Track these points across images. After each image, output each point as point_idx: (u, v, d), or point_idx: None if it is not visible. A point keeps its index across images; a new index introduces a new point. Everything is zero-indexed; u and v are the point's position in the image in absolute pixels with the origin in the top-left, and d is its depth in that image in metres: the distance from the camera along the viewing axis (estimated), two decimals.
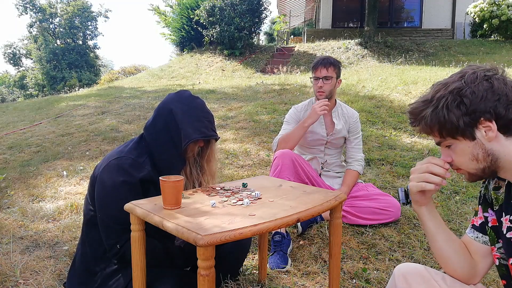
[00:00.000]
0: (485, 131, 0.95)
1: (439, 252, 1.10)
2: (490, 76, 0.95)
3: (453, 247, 1.09)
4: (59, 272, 1.92)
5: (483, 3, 12.21)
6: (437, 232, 1.09)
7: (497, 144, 0.95)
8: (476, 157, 0.97)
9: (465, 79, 0.96)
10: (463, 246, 1.11)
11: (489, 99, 0.93)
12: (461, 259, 1.09)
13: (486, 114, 0.93)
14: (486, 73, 0.96)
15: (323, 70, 2.44)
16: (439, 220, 1.11)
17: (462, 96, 0.94)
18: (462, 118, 0.94)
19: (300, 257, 2.08)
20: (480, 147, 0.96)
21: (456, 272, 1.09)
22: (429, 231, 1.10)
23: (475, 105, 0.93)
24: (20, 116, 7.39)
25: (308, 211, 1.30)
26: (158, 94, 7.93)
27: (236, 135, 4.58)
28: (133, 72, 17.49)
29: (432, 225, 1.09)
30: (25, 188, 3.24)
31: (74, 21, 26.45)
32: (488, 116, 0.93)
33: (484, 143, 0.95)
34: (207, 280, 1.10)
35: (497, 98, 0.93)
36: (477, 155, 0.96)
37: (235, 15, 12.67)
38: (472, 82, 0.95)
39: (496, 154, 0.95)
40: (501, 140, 0.95)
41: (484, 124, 0.94)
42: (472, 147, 0.96)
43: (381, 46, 12.00)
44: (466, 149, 0.97)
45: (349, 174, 2.52)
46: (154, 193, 1.46)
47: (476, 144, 0.96)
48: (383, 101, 5.67)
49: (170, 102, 1.55)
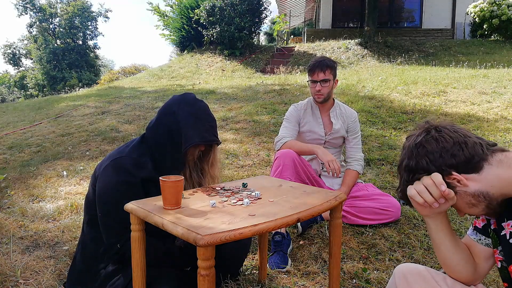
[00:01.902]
0: (457, 182, 0.97)
1: (443, 260, 1.10)
2: (421, 142, 1.01)
3: (459, 256, 1.08)
4: (59, 272, 1.92)
5: (483, 3, 12.22)
6: (442, 243, 1.09)
7: (475, 183, 0.97)
8: (471, 203, 0.98)
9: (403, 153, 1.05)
10: (469, 253, 1.10)
11: (435, 160, 0.99)
12: (467, 262, 1.08)
13: (443, 172, 0.98)
14: (416, 140, 1.02)
15: (320, 74, 2.44)
16: (446, 232, 1.08)
17: (413, 170, 1.01)
18: None
19: (300, 257, 2.08)
20: (466, 195, 0.98)
21: (459, 275, 1.09)
22: (433, 240, 1.10)
23: (430, 169, 0.99)
24: (20, 116, 7.39)
25: (308, 211, 1.29)
26: (158, 94, 7.93)
27: (236, 135, 4.58)
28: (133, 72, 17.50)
29: (437, 237, 1.09)
30: (25, 188, 3.24)
31: (74, 21, 26.46)
32: (446, 173, 0.97)
33: (466, 190, 0.97)
34: (207, 280, 1.10)
35: (438, 156, 0.98)
36: (470, 201, 0.98)
37: (235, 15, 12.67)
38: (412, 155, 1.02)
39: (483, 190, 0.96)
40: (477, 178, 0.96)
41: (450, 179, 0.97)
42: (461, 199, 0.99)
43: (381, 46, 12.01)
44: (458, 202, 1.00)
45: (349, 174, 2.52)
46: (155, 193, 1.46)
47: (461, 195, 0.98)
48: (383, 101, 5.67)
49: (173, 104, 1.55)
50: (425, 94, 5.85)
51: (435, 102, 5.47)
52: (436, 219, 1.07)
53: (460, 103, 5.39)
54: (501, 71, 7.33)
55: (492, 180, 0.95)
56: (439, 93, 5.86)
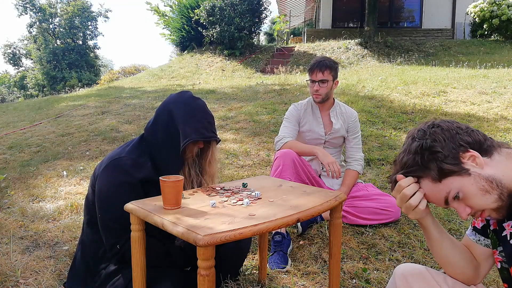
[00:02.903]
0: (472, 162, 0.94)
1: (444, 259, 1.09)
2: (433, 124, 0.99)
3: (458, 252, 1.08)
4: (59, 272, 1.92)
5: (483, 3, 12.21)
6: (443, 239, 1.08)
7: (489, 168, 0.94)
8: (485, 189, 0.93)
9: (416, 137, 0.99)
10: (466, 249, 1.10)
11: (451, 136, 0.96)
12: (465, 263, 1.08)
13: (460, 148, 0.95)
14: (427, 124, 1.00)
15: (319, 74, 2.44)
16: (441, 227, 1.10)
17: (428, 148, 0.96)
18: (445, 163, 0.94)
19: (300, 257, 2.08)
20: (480, 178, 0.94)
21: (459, 275, 1.08)
22: (434, 239, 1.08)
23: (445, 146, 0.95)
24: (20, 116, 7.39)
25: (308, 211, 1.29)
26: (158, 94, 7.93)
27: (236, 135, 4.58)
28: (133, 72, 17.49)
29: (437, 233, 1.08)
30: (25, 188, 3.24)
31: (74, 21, 26.45)
32: (463, 149, 0.95)
33: (480, 172, 0.94)
34: (207, 280, 1.10)
35: (455, 133, 0.96)
36: (483, 187, 0.93)
37: (235, 15, 12.67)
38: (425, 135, 0.98)
39: (496, 177, 0.93)
40: (490, 163, 0.95)
41: (466, 156, 0.95)
42: (474, 182, 0.94)
43: (381, 46, 12.01)
44: (471, 187, 0.94)
45: (349, 174, 2.52)
46: (155, 194, 1.46)
47: (475, 177, 0.94)
48: (383, 101, 5.67)
49: (170, 103, 1.55)
50: (425, 94, 5.85)
51: (435, 102, 5.47)
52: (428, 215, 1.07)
53: (460, 103, 5.39)
54: (501, 71, 7.33)
55: (503, 170, 0.94)
56: (439, 93, 5.86)
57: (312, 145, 2.41)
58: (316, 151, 2.29)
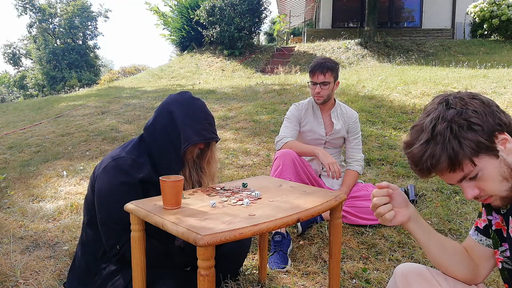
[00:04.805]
0: (501, 145, 0.89)
1: (435, 260, 1.10)
2: (472, 94, 0.92)
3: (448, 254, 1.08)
4: (59, 272, 1.92)
5: (483, 3, 12.21)
6: (429, 242, 1.08)
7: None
8: (505, 176, 0.89)
9: (454, 104, 0.90)
10: (460, 250, 1.10)
11: (491, 112, 0.89)
12: (459, 263, 1.08)
13: (497, 127, 0.88)
14: (464, 93, 0.93)
15: (320, 76, 2.43)
16: (428, 229, 1.09)
17: (468, 119, 0.87)
18: (481, 139, 0.87)
19: (300, 257, 2.08)
20: (504, 164, 0.89)
21: (457, 275, 1.08)
22: (421, 242, 1.09)
23: (485, 122, 0.87)
24: (20, 116, 7.39)
25: (308, 211, 1.29)
26: (158, 94, 7.93)
27: (236, 135, 4.58)
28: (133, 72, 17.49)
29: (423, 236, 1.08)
30: (25, 188, 3.24)
31: (74, 21, 26.45)
32: (499, 129, 0.88)
33: (506, 158, 0.89)
34: (207, 280, 1.10)
35: (494, 110, 0.90)
36: (504, 173, 0.89)
37: (235, 15, 12.67)
38: (466, 104, 0.89)
39: None
40: None
41: (500, 138, 0.89)
42: (498, 167, 0.89)
43: (381, 46, 12.00)
44: (494, 170, 0.89)
45: (349, 175, 2.52)
46: (154, 194, 1.46)
47: (501, 162, 0.89)
48: (383, 101, 5.67)
49: (170, 104, 1.55)
50: (425, 94, 5.85)
51: None
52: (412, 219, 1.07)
53: None
54: (501, 71, 7.33)
55: None
56: (439, 93, 5.86)
57: (312, 146, 2.41)
58: (316, 152, 2.29)
